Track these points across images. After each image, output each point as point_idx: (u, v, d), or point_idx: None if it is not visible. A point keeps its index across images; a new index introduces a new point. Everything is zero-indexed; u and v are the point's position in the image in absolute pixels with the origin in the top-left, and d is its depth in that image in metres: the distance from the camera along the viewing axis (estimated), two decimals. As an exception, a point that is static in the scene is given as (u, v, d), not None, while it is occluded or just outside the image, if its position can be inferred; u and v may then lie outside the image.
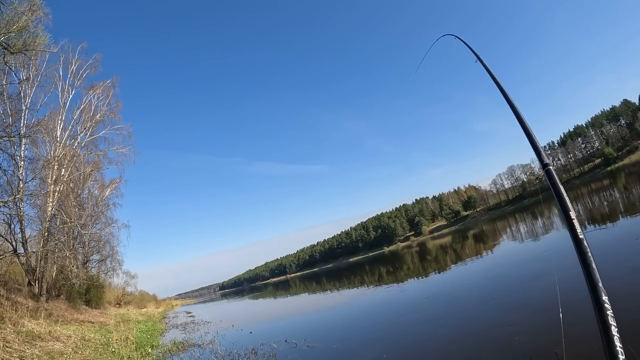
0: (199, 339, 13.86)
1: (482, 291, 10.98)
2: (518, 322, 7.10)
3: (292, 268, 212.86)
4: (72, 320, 14.67)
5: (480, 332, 7.16)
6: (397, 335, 8.90)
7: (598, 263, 1.43)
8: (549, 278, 9.96)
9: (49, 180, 18.03)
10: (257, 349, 9.95)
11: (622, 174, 55.87)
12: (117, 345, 11.12)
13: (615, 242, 11.15)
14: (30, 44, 10.74)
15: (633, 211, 17.21)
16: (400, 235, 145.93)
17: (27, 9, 10.68)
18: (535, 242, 18.87)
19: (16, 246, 15.59)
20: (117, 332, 13.15)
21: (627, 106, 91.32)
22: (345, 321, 12.70)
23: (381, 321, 10.95)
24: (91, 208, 24.24)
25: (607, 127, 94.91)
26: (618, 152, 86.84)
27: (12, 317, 9.84)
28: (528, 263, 13.12)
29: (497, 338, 6.50)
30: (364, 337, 9.70)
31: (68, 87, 20.86)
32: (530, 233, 25.44)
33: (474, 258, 21.58)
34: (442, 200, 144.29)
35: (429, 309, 10.75)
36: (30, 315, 11.33)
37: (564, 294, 7.75)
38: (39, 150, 19.03)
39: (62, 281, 18.65)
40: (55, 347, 8.88)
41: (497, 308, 8.62)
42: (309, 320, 16.17)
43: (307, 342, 10.01)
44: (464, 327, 7.85)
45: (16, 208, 15.65)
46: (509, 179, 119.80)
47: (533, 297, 8.52)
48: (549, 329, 6.07)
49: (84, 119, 21.46)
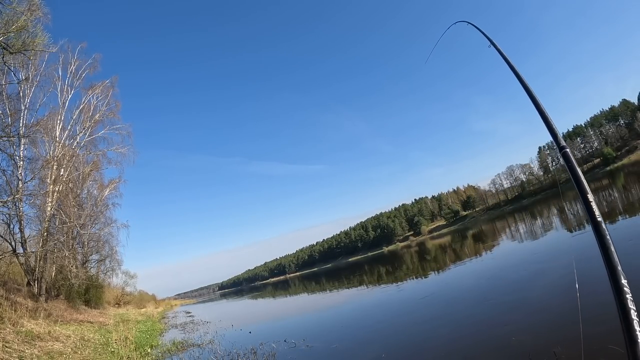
0: (199, 339, 13.87)
1: (480, 291, 11.00)
2: (516, 321, 7.11)
3: (291, 268, 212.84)
4: (72, 320, 14.66)
5: (478, 332, 7.18)
6: (396, 334, 8.92)
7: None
8: (547, 278, 10.00)
9: (48, 180, 18.02)
10: (257, 349, 9.96)
11: (621, 174, 55.93)
12: (117, 345, 11.13)
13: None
14: (29, 44, 10.73)
15: (632, 211, 17.27)
16: (400, 235, 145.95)
17: (26, 9, 10.64)
18: (534, 241, 18.90)
19: (15, 246, 15.57)
20: (117, 332, 13.14)
21: (626, 106, 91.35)
22: (344, 321, 12.72)
23: (380, 321, 10.97)
24: (90, 208, 24.21)
25: (606, 127, 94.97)
26: (617, 152, 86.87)
27: (12, 317, 9.83)
28: (526, 263, 13.15)
29: (496, 337, 6.52)
30: (363, 336, 9.72)
31: (67, 87, 20.87)
32: (530, 233, 25.48)
33: (472, 258, 21.62)
34: (442, 200, 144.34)
35: (428, 309, 10.77)
36: (30, 315, 11.33)
37: (565, 294, 7.79)
38: (38, 150, 19.02)
39: (61, 281, 18.64)
40: (54, 347, 8.87)
41: (495, 308, 8.64)
42: (308, 320, 16.19)
43: (306, 341, 10.02)
44: (463, 326, 7.86)
45: (15, 208, 15.63)
46: (508, 178, 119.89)
47: (531, 297, 8.54)
48: (548, 329, 6.09)
49: (83, 119, 21.47)
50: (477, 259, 20.28)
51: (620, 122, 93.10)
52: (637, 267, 7.17)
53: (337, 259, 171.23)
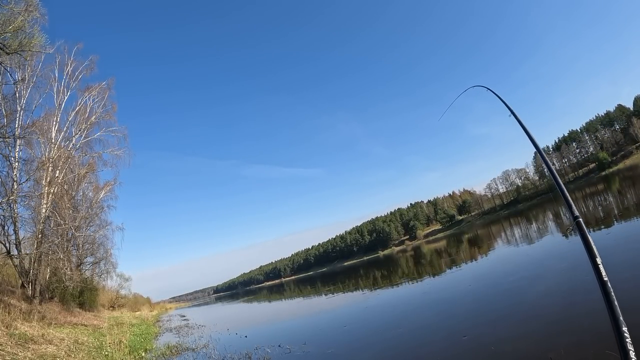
0: (193, 343, 13.81)
1: (476, 297, 11.02)
2: (512, 327, 7.14)
3: (286, 271, 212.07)
4: (66, 323, 14.55)
5: (475, 337, 7.17)
6: (392, 340, 8.89)
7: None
8: (544, 284, 10.03)
9: (44, 181, 17.91)
10: (252, 354, 9.93)
11: (616, 179, 56.32)
12: (111, 348, 11.05)
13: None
14: (26, 45, 10.67)
15: (628, 215, 17.45)
16: (395, 239, 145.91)
17: (23, 9, 10.59)
18: (530, 245, 18.97)
19: (9, 248, 15.46)
20: (111, 335, 13.07)
21: (621, 111, 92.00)
22: (340, 325, 12.67)
23: (376, 326, 10.96)
24: (85, 210, 24.08)
25: (602, 132, 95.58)
26: (612, 157, 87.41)
27: (5, 320, 9.75)
28: (521, 268, 13.20)
29: (493, 343, 6.51)
30: (359, 341, 9.69)
31: (63, 88, 20.78)
32: (525, 237, 25.58)
33: (468, 262, 21.67)
34: (437, 205, 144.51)
35: (423, 314, 10.78)
36: (23, 318, 11.23)
37: (561, 299, 7.81)
38: (33, 151, 18.91)
39: (55, 283, 18.49)
40: (48, 350, 8.79)
41: (492, 313, 8.65)
42: (303, 324, 16.14)
43: (301, 346, 9.98)
44: (458, 332, 7.85)
45: (10, 209, 15.53)
46: (504, 183, 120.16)
47: (526, 303, 8.57)
48: (545, 335, 6.11)
49: (79, 121, 21.39)
50: (473, 264, 20.33)
51: (615, 127, 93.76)
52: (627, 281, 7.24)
53: (332, 262, 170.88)
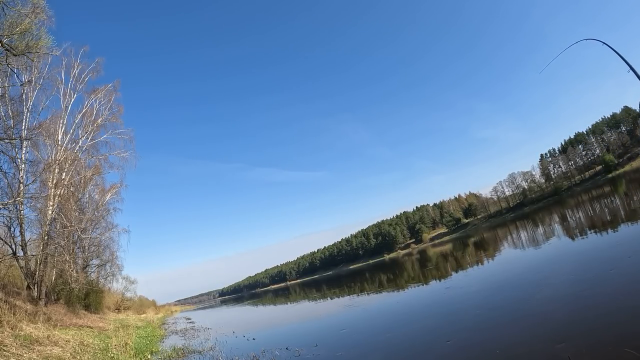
0: (199, 346, 13.70)
1: (483, 300, 10.85)
2: (525, 328, 6.98)
3: (292, 275, 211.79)
4: (71, 324, 14.51)
5: (485, 340, 7.01)
6: (400, 343, 8.74)
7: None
8: (552, 287, 9.86)
9: (50, 183, 17.97)
10: (259, 356, 9.81)
11: (622, 181, 55.78)
12: (116, 350, 10.98)
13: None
14: (32, 47, 10.70)
15: (634, 218, 17.21)
16: (401, 242, 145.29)
17: (30, 11, 10.64)
18: (536, 249, 18.74)
19: (15, 249, 15.50)
20: (116, 337, 12.99)
21: (627, 113, 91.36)
22: (347, 328, 12.52)
23: (384, 329, 10.80)
24: (91, 212, 24.14)
25: (608, 134, 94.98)
26: (619, 159, 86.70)
27: (10, 321, 9.71)
28: (529, 270, 13.02)
29: (505, 345, 6.36)
30: (367, 344, 9.53)
31: (70, 90, 20.90)
32: (531, 240, 25.32)
33: (474, 266, 21.46)
34: (443, 208, 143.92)
35: (431, 317, 10.61)
36: (29, 319, 11.19)
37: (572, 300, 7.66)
38: (39, 153, 19.00)
39: (61, 285, 18.52)
40: (53, 352, 8.74)
41: (503, 316, 8.49)
42: (310, 327, 15.99)
43: (310, 349, 9.85)
44: (467, 336, 7.69)
45: (16, 211, 15.58)
46: (510, 186, 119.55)
47: (534, 306, 8.41)
48: (562, 336, 5.96)
49: (85, 123, 21.46)
50: (479, 267, 20.11)
51: (621, 129, 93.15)
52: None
53: (338, 266, 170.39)
